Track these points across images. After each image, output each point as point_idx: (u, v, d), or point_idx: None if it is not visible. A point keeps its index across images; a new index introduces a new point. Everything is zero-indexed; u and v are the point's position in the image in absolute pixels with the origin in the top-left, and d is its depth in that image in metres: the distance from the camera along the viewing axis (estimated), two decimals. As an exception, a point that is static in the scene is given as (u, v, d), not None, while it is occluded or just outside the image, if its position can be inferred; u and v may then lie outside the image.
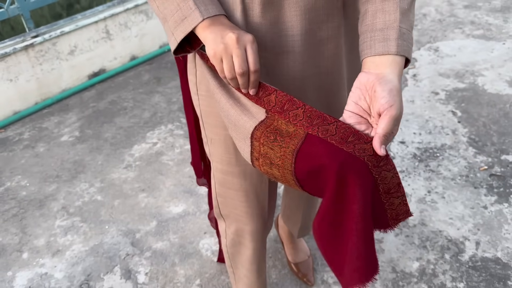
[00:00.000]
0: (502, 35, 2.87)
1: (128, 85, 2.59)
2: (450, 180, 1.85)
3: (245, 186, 1.01)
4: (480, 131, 2.10)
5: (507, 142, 2.02)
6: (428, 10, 3.19)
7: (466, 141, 2.05)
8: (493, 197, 1.76)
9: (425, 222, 1.68)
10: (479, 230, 1.64)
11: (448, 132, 2.10)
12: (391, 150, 2.01)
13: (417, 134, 2.10)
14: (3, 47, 2.20)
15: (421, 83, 2.45)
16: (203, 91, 0.91)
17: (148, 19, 2.70)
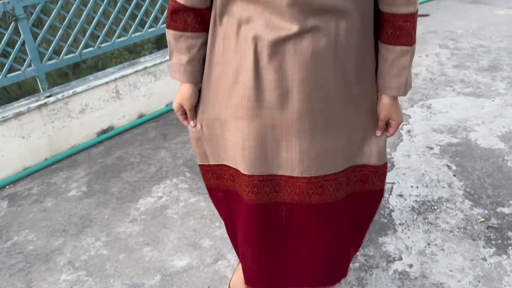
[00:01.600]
0: (491, 92, 3.02)
1: (135, 141, 2.69)
2: (449, 232, 1.90)
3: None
4: (475, 184, 2.17)
5: (502, 195, 2.09)
6: (420, 70, 3.38)
7: (462, 194, 2.11)
8: (492, 249, 1.80)
9: (426, 275, 1.70)
10: (480, 282, 1.66)
11: (444, 186, 2.17)
12: (390, 203, 2.07)
13: (414, 188, 2.17)
14: (18, 106, 2.33)
15: (416, 138, 2.55)
16: None
17: (156, 80, 2.87)
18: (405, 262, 1.76)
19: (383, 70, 1.07)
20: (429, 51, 3.71)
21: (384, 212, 2.02)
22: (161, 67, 2.87)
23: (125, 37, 2.76)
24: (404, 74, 1.04)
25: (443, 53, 3.65)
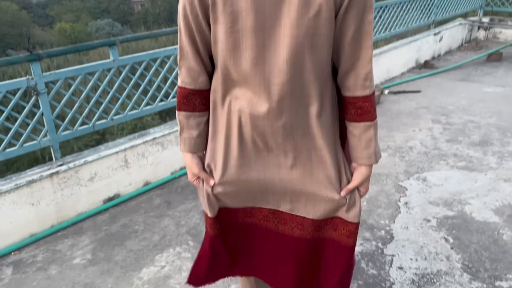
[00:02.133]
0: (483, 166, 3.15)
1: (140, 209, 2.76)
2: (449, 306, 1.92)
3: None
4: (472, 257, 2.22)
5: (499, 269, 2.13)
6: (414, 143, 3.54)
7: (460, 267, 2.15)
8: (492, 325, 1.82)
9: None
10: None
11: (442, 258, 2.22)
12: (390, 275, 2.11)
13: (414, 260, 2.21)
14: (32, 174, 2.43)
15: (413, 210, 2.63)
16: None
17: (164, 149, 3.00)
18: (407, 337, 1.77)
19: (353, 144, 1.27)
20: (422, 125, 3.90)
21: (385, 285, 2.05)
22: (169, 138, 3.02)
23: (137, 109, 2.93)
24: (372, 145, 1.24)
25: (435, 128, 3.84)
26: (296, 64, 1.12)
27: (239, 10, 1.09)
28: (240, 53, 1.13)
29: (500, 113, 4.13)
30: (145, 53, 2.87)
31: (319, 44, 1.12)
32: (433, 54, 6.10)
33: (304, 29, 1.09)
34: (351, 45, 1.15)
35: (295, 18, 1.08)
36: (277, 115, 1.18)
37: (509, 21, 7.15)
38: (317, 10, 1.07)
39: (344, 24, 1.13)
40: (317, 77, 1.17)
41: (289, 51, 1.11)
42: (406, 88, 4.91)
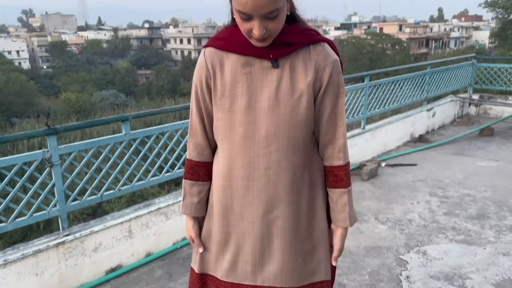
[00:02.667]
0: (481, 240, 3.19)
1: (141, 281, 2.76)
2: None
3: None
4: (476, 334, 2.20)
5: None
6: (413, 216, 3.61)
7: None
8: None
9: None
10: None
11: (446, 335, 2.20)
12: None
13: (417, 337, 2.19)
14: (38, 244, 2.47)
15: (415, 285, 2.64)
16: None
17: (167, 219, 3.06)
18: None
19: (332, 207, 1.45)
20: (420, 198, 3.99)
21: None
22: (173, 208, 3.09)
23: (144, 180, 3.04)
24: (346, 209, 1.42)
25: (433, 201, 3.93)
26: (281, 137, 1.34)
27: (236, 94, 1.34)
28: (235, 129, 1.35)
29: (495, 187, 4.24)
30: (155, 128, 3.04)
31: (300, 121, 1.34)
32: (427, 128, 6.35)
33: (289, 109, 1.32)
34: (328, 123, 1.39)
35: (281, 100, 1.32)
36: (265, 183, 1.36)
37: (497, 98, 7.52)
38: (300, 94, 1.33)
39: (322, 106, 1.37)
40: (301, 149, 1.37)
41: (275, 127, 1.33)
42: (402, 161, 5.07)
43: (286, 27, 1.32)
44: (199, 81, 1.39)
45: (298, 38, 1.33)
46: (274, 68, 1.33)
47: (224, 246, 1.44)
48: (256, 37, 1.25)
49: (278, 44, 1.30)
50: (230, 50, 1.35)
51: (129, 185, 2.96)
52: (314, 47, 1.35)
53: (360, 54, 33.97)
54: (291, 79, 1.33)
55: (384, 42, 35.28)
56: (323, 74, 1.34)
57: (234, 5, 1.21)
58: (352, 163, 4.80)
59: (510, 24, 27.59)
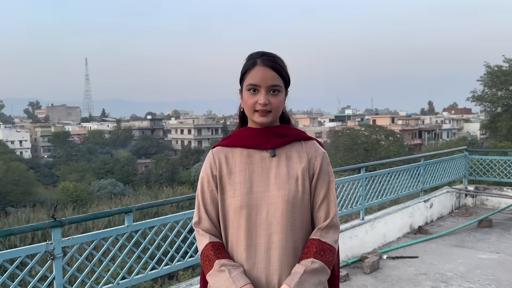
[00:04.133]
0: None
1: None
2: None
3: None
4: None
5: None
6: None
7: None
8: None
9: None
10: None
11: None
12: None
13: None
14: None
15: None
16: None
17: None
18: None
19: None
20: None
21: None
22: (171, 304, 3.01)
23: (143, 274, 3.01)
24: (296, 277, 1.45)
25: (437, 296, 3.83)
26: (281, 219, 1.48)
27: (239, 181, 1.51)
28: (239, 212, 1.50)
29: (499, 280, 4.17)
30: (157, 219, 3.09)
31: (298, 203, 1.50)
32: (426, 220, 6.36)
33: (286, 191, 1.49)
34: (322, 205, 1.55)
35: (280, 184, 1.50)
36: (266, 265, 1.47)
37: (493, 189, 7.63)
38: (295, 178, 1.52)
39: (316, 192, 1.55)
40: (299, 231, 1.51)
41: (275, 209, 1.48)
42: (403, 253, 5.01)
43: (281, 125, 1.60)
44: (206, 173, 1.57)
45: (291, 132, 1.59)
46: (272, 157, 1.54)
47: None
48: (261, 108, 1.48)
49: (274, 135, 1.56)
50: (235, 145, 1.58)
51: (128, 278, 2.92)
52: (305, 142, 1.60)
53: (355, 144, 34.85)
54: (287, 166, 1.54)
55: (378, 133, 36.41)
56: (315, 163, 1.56)
57: (247, 81, 1.51)
58: (353, 255, 4.76)
59: (498, 117, 28.78)
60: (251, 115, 1.53)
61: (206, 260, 1.51)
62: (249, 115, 1.55)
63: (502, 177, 7.30)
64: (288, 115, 1.66)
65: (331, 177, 1.59)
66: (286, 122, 1.65)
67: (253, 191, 1.51)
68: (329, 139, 40.83)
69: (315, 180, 1.55)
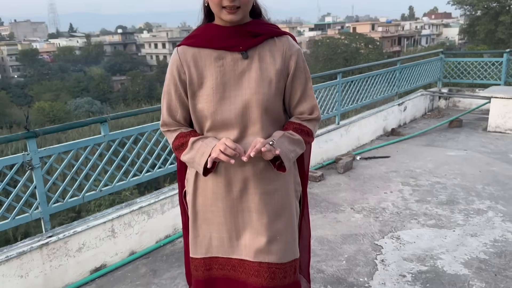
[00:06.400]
0: (451, 224, 3.37)
1: (126, 279, 2.81)
2: None
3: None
4: (446, 308, 2.35)
5: (471, 318, 2.27)
6: (387, 205, 3.76)
7: (435, 318, 2.28)
8: None
9: None
10: None
11: (418, 311, 2.34)
12: (371, 329, 2.21)
13: (392, 314, 2.33)
14: (22, 246, 2.50)
15: (389, 267, 2.78)
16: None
17: (149, 218, 3.12)
18: None
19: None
20: (393, 188, 4.15)
21: (366, 338, 2.15)
22: (155, 206, 3.15)
23: (124, 181, 3.09)
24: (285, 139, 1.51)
25: (405, 190, 4.10)
26: (255, 122, 1.47)
27: (211, 86, 1.46)
28: (212, 117, 1.47)
29: (464, 174, 4.45)
30: (134, 128, 3.10)
31: (271, 106, 1.49)
32: (399, 122, 6.57)
33: (260, 96, 1.46)
34: (300, 103, 1.56)
35: (254, 88, 1.45)
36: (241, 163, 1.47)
37: (465, 91, 7.83)
38: (269, 81, 1.48)
39: (292, 90, 1.54)
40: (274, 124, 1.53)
41: (249, 113, 1.46)
42: (376, 154, 5.24)
43: (252, 20, 1.50)
44: (173, 76, 1.50)
45: (263, 29, 1.50)
46: (244, 60, 1.47)
47: (218, 226, 1.55)
48: (229, 4, 1.39)
49: (246, 35, 1.47)
50: (202, 45, 1.48)
51: (110, 185, 3.01)
52: (278, 39, 1.52)
53: (335, 54, 34.46)
54: (260, 69, 1.47)
55: (357, 41, 35.88)
56: (290, 62, 1.51)
57: None
58: (328, 158, 4.96)
59: (477, 21, 28.51)
60: (218, 12, 1.42)
61: (179, 148, 1.52)
62: (216, 12, 1.44)
63: (475, 78, 7.45)
64: (259, 8, 1.54)
65: (307, 73, 1.56)
66: (257, 16, 1.54)
67: (225, 96, 1.46)
68: (309, 50, 40.09)
69: (291, 79, 1.52)
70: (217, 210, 1.54)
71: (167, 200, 3.24)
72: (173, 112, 1.54)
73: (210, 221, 1.57)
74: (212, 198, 1.54)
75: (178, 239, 3.30)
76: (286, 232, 1.55)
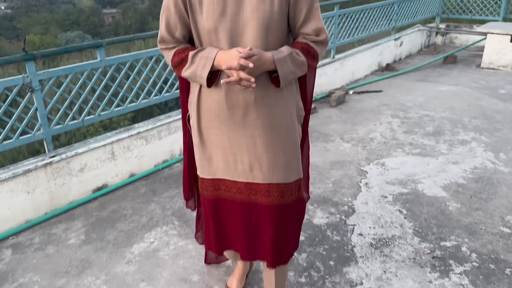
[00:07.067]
0: (435, 152, 3.54)
1: (127, 197, 3.00)
2: (401, 262, 2.25)
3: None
4: (422, 224, 2.57)
5: (444, 232, 2.49)
6: (375, 135, 3.92)
7: (411, 232, 2.50)
8: (436, 274, 2.16)
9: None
10: (427, 299, 2.00)
11: (396, 226, 2.56)
12: (352, 240, 2.43)
13: (372, 228, 2.55)
14: (28, 164, 2.64)
15: (372, 189, 2.98)
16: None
17: (147, 143, 3.25)
18: (365, 286, 2.09)
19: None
20: (383, 120, 4.29)
21: (347, 247, 2.38)
22: (152, 132, 3.28)
23: (122, 106, 3.19)
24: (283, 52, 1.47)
25: (394, 122, 4.24)
26: (257, 41, 1.44)
27: (211, 1, 1.43)
28: (213, 36, 1.46)
29: (453, 108, 4.58)
30: (129, 54, 3.14)
31: (273, 26, 1.45)
32: (394, 58, 6.58)
33: (262, 14, 1.43)
34: (305, 22, 1.51)
35: (255, 6, 1.42)
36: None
37: (463, 27, 7.74)
38: (270, 1, 1.44)
39: (297, 7, 1.48)
40: (277, 45, 1.49)
41: (251, 32, 1.43)
42: (369, 88, 5.32)
43: None
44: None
45: None
46: None
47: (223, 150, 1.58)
48: None
49: None
50: None
51: (108, 110, 3.10)
52: None
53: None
54: None
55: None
56: None
57: None
58: (322, 92, 5.04)
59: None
60: None
61: (179, 65, 1.51)
62: None
63: (474, 14, 7.35)
64: None
65: None
66: None
67: (226, 12, 1.42)
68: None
69: (294, 1, 1.46)
70: (220, 133, 1.56)
71: (164, 127, 3.35)
72: (171, 29, 1.52)
73: (215, 144, 1.60)
74: (216, 121, 1.55)
75: (175, 164, 3.46)
76: (291, 154, 1.60)
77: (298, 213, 1.70)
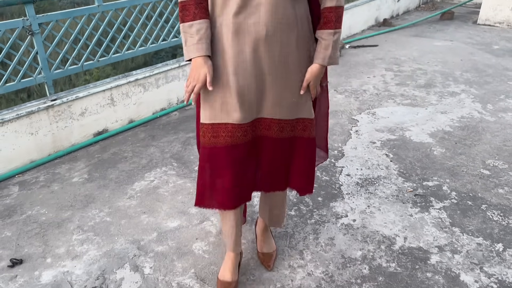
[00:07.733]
0: (425, 103, 3.66)
1: (127, 141, 3.13)
2: (385, 198, 2.42)
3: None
4: (407, 166, 2.72)
5: (427, 173, 2.65)
6: (368, 87, 4.01)
7: (396, 173, 2.66)
8: (417, 209, 2.33)
9: (366, 226, 2.20)
10: (406, 230, 2.17)
11: (382, 168, 2.71)
12: (340, 180, 2.59)
13: (359, 169, 2.70)
14: (30, 106, 2.74)
15: (362, 136, 3.11)
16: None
17: (145, 91, 3.34)
18: (350, 218, 2.26)
19: (316, 49, 1.55)
20: (376, 73, 4.37)
21: (335, 186, 2.53)
22: (150, 80, 3.36)
23: (120, 53, 3.25)
24: (329, 49, 1.52)
25: (388, 75, 4.32)
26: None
27: None
28: None
29: (446, 62, 4.65)
30: (127, 0, 3.16)
31: None
32: (392, 13, 6.55)
33: None
34: None
35: None
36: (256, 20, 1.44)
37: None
38: None
39: None
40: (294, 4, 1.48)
41: None
42: (365, 43, 5.36)
43: None
44: None
45: None
46: None
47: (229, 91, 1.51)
48: None
49: None
50: None
51: (107, 56, 3.17)
52: None
53: None
54: None
55: None
56: None
57: None
58: (318, 44, 5.06)
59: None
60: None
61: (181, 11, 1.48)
62: None
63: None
64: None
65: None
66: None
67: None
68: None
69: None
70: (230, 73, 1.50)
71: (161, 75, 3.43)
72: None
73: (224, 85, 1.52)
74: (225, 59, 1.50)
75: (173, 112, 3.56)
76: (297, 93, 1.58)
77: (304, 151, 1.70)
